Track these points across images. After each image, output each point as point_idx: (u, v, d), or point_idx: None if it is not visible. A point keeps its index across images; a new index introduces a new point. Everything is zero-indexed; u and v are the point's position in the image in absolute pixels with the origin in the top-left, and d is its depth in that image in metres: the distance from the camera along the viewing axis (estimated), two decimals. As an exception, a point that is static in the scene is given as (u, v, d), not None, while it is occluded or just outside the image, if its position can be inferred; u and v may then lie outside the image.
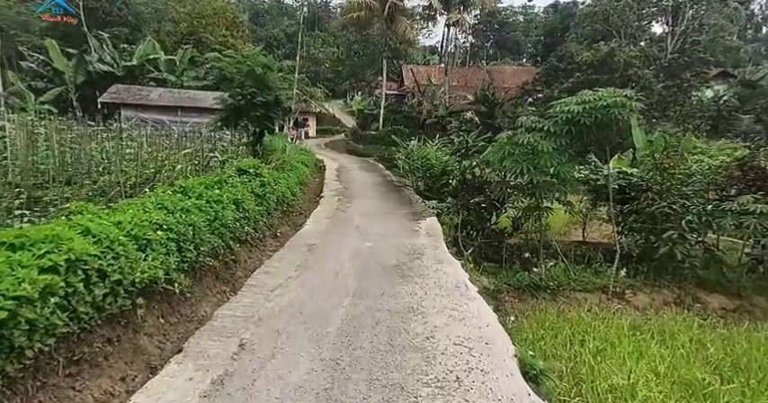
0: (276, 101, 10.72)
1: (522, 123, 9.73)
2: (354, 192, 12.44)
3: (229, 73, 10.34)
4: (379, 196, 11.87)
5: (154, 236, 4.47)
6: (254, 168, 8.30)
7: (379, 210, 10.01)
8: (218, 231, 5.87)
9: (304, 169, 14.99)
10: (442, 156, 13.08)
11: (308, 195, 13.19)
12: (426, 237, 7.77)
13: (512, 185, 10.04)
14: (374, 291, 4.97)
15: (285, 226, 9.38)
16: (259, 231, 7.57)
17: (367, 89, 52.05)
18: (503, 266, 10.54)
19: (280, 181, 9.60)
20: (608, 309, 9.13)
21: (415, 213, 9.90)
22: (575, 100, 9.39)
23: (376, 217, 9.34)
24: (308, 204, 11.89)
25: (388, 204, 10.77)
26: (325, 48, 54.36)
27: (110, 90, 26.49)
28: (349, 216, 9.32)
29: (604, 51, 27.23)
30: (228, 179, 7.21)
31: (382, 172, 17.68)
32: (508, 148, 9.67)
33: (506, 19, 62.89)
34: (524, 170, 9.32)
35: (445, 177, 12.43)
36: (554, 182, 9.47)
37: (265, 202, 8.09)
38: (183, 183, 5.99)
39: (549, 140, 9.41)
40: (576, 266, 10.50)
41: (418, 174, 12.92)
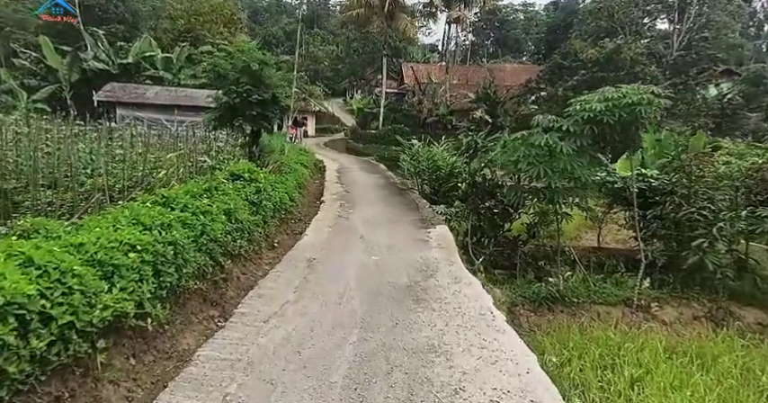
0: (273, 99, 9.93)
1: (539, 123, 8.96)
2: (356, 195, 11.66)
3: (223, 69, 9.54)
4: (383, 200, 11.10)
5: (124, 260, 3.69)
6: (248, 173, 7.52)
7: (385, 217, 9.24)
8: (205, 247, 5.09)
9: (303, 171, 14.21)
10: (449, 158, 12.30)
11: (307, 198, 12.41)
12: (438, 249, 7.00)
13: (527, 189, 9.25)
14: (386, 322, 4.20)
15: (283, 234, 8.60)
16: (254, 243, 6.80)
17: (367, 87, 51.22)
18: (516, 276, 9.78)
19: (277, 186, 8.82)
20: (633, 324, 8.40)
21: (422, 220, 9.12)
22: (596, 97, 8.62)
23: (381, 225, 8.57)
24: (307, 209, 11.11)
25: (394, 210, 9.99)
26: (324, 46, 53.48)
27: (105, 88, 25.64)
28: (352, 224, 8.54)
29: (610, 48, 26.43)
30: (220, 186, 6.42)
31: (384, 173, 16.89)
32: (523, 150, 8.89)
33: (506, 17, 61.99)
34: (542, 173, 8.55)
35: (453, 180, 11.65)
36: (574, 186, 8.69)
37: (261, 211, 7.31)
38: (166, 192, 5.20)
39: (569, 141, 8.66)
40: (594, 276, 9.75)
41: (424, 176, 12.14)
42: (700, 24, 29.39)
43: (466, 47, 51.25)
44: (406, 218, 9.30)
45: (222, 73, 9.42)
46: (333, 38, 56.02)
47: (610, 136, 8.70)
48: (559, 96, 28.29)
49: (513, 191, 9.22)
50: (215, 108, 9.88)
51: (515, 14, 63.99)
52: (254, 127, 10.46)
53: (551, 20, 53.30)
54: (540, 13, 64.97)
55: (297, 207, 10.06)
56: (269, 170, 9.60)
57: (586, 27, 33.17)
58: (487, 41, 64.46)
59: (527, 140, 9.05)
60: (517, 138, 9.40)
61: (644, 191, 10.64)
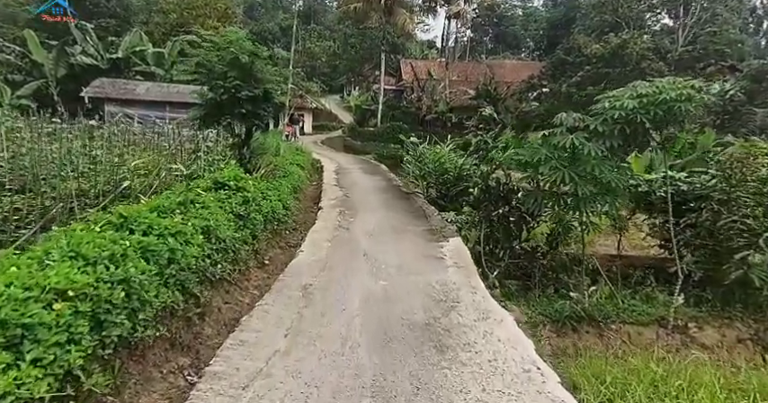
0: (265, 95, 8.84)
1: (562, 121, 7.91)
2: (357, 200, 10.59)
3: (209, 61, 8.43)
4: (387, 206, 10.03)
5: (43, 315, 2.63)
6: (234, 180, 6.44)
7: (390, 227, 8.18)
8: (175, 279, 4.04)
9: (299, 173, 13.13)
10: (456, 159, 11.25)
11: (304, 203, 11.34)
12: (456, 269, 5.96)
13: (548, 195, 8.21)
14: (404, 385, 3.15)
15: (276, 248, 7.54)
16: (240, 262, 5.74)
17: (364, 84, 50.00)
18: (534, 289, 8.77)
19: (269, 193, 7.75)
20: (670, 348, 7.41)
21: (432, 230, 8.08)
22: (627, 93, 7.58)
23: (386, 237, 7.52)
24: (304, 216, 10.05)
25: (399, 217, 8.93)
26: (321, 41, 52.19)
27: (93, 84, 24.43)
28: (353, 236, 7.48)
29: (615, 43, 25.39)
30: (198, 198, 5.34)
31: (386, 174, 15.81)
32: (545, 152, 7.86)
33: (505, 13, 60.77)
34: (566, 178, 7.52)
35: (461, 183, 10.60)
36: (602, 192, 7.66)
37: (249, 224, 6.24)
38: (125, 209, 4.12)
39: (596, 142, 7.64)
40: (622, 290, 8.76)
41: (430, 179, 11.09)
42: (705, 19, 28.34)
43: (465, 43, 50.06)
44: (414, 227, 8.24)
45: (207, 65, 8.31)
46: (330, 34, 54.70)
47: (642, 136, 7.68)
48: (563, 93, 27.28)
49: (533, 197, 8.18)
50: (200, 105, 8.78)
51: (514, 10, 62.77)
52: (246, 126, 9.37)
53: (551, 15, 52.08)
54: (539, 8, 63.77)
55: (292, 215, 9.00)
56: (260, 175, 8.53)
57: (590, 22, 32.08)
58: (486, 38, 63.24)
59: (549, 141, 8.02)
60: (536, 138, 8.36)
61: (672, 195, 9.65)
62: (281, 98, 19.20)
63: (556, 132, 7.91)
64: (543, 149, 7.93)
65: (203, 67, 8.44)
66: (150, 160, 7.47)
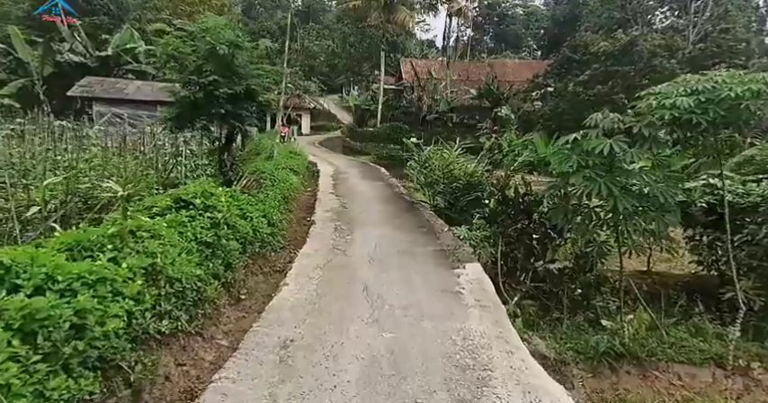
0: (248, 93, 7.51)
1: (597, 123, 6.58)
2: (356, 212, 9.24)
3: (180, 53, 7.09)
4: (390, 220, 8.69)
5: None
6: (202, 197, 5.10)
7: (394, 248, 6.85)
8: (82, 357, 2.71)
9: (292, 179, 11.80)
10: (466, 165, 9.92)
11: (296, 214, 10.01)
12: (480, 311, 4.63)
13: (579, 211, 6.89)
14: None
15: (257, 274, 6.22)
16: (205, 303, 4.41)
17: (364, 84, 48.62)
18: (560, 315, 7.45)
19: (251, 209, 6.41)
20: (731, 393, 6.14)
21: (444, 252, 6.74)
22: (679, 89, 6.25)
23: (391, 261, 6.18)
24: (295, 230, 8.72)
25: (405, 235, 7.59)
26: (320, 41, 50.73)
27: (80, 83, 23.05)
28: (351, 261, 6.14)
29: (625, 40, 24.03)
30: (144, 225, 4.00)
31: (387, 180, 14.45)
32: (576, 159, 6.54)
33: (506, 11, 59.35)
34: (603, 191, 6.20)
35: (473, 192, 9.27)
36: (648, 208, 6.34)
37: (220, 253, 4.91)
38: (9, 253, 2.78)
39: (641, 148, 6.33)
40: (662, 316, 7.46)
41: (437, 187, 9.76)
42: (716, 15, 26.99)
43: (465, 42, 48.67)
44: (423, 248, 6.91)
45: (179, 58, 6.97)
46: (329, 33, 53.24)
47: (696, 141, 6.35)
48: (569, 92, 25.93)
49: (561, 212, 6.85)
50: (172, 103, 7.44)
51: (514, 9, 61.33)
52: (228, 128, 8.03)
53: (556, 13, 50.63)
54: (540, 7, 62.32)
55: (280, 231, 7.66)
56: (242, 186, 7.19)
57: (597, 19, 30.72)
58: (486, 37, 61.82)
59: (580, 146, 6.70)
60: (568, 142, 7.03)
61: (714, 206, 8.34)
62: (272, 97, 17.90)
63: (590, 136, 6.60)
64: (574, 155, 6.62)
65: (174, 60, 7.10)
66: (72, 177, 6.08)
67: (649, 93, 6.70)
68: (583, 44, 26.65)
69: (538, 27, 60.13)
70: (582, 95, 24.79)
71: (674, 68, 23.80)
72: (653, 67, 23.59)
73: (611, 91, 23.96)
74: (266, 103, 7.85)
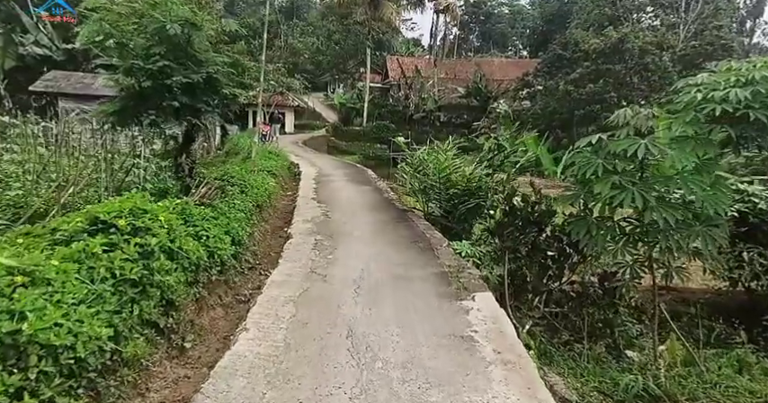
0: (209, 83, 6.16)
1: (628, 120, 5.43)
2: (340, 223, 7.94)
3: (121, 33, 5.73)
4: (380, 233, 7.41)
5: None
6: (130, 216, 3.77)
7: (386, 271, 5.58)
8: None
9: (270, 183, 10.46)
10: (463, 167, 8.70)
11: (272, 223, 8.69)
12: (504, 371, 3.40)
13: (606, 225, 5.72)
14: None
15: (215, 308, 4.92)
16: (117, 371, 3.10)
17: (349, 81, 47.22)
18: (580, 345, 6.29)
19: (208, 226, 5.09)
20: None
21: (446, 274, 5.50)
22: (728, 78, 5.12)
23: (382, 292, 4.92)
24: (269, 245, 7.42)
25: (398, 254, 6.33)
26: (304, 37, 49.11)
27: (45, 77, 21.31)
28: (332, 292, 4.86)
29: (616, 38, 23.13)
30: (22, 265, 2.67)
31: (375, 183, 13.14)
32: (600, 162, 5.39)
33: (492, 10, 58.41)
34: (637, 201, 5.06)
35: (473, 199, 8.07)
36: (691, 222, 5.20)
37: (153, 291, 3.60)
38: None
39: (683, 150, 5.20)
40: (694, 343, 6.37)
41: (432, 194, 8.53)
42: (708, 13, 26.29)
43: (452, 41, 47.58)
44: (420, 271, 5.65)
45: (118, 38, 5.61)
46: (313, 30, 51.64)
47: (753, 141, 5.22)
48: (560, 90, 24.97)
49: (583, 227, 5.67)
50: (115, 97, 6.07)
51: (500, 8, 60.43)
52: (186, 126, 6.67)
53: (544, 10, 49.77)
54: (526, 6, 61.48)
55: (248, 249, 6.35)
56: (199, 197, 5.85)
57: (587, 16, 29.87)
58: (472, 36, 60.82)
59: (605, 148, 5.54)
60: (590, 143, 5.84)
61: (745, 215, 7.30)
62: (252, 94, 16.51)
63: (618, 135, 5.44)
64: (598, 159, 5.45)
65: (114, 41, 5.73)
66: None
67: (689, 84, 5.57)
68: (573, 41, 25.73)
69: (523, 26, 59.32)
70: (573, 94, 23.83)
71: (667, 66, 23.01)
72: (645, 64, 22.74)
73: (603, 89, 23.05)
74: (233, 96, 6.51)
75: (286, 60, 39.67)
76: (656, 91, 23.18)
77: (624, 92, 23.23)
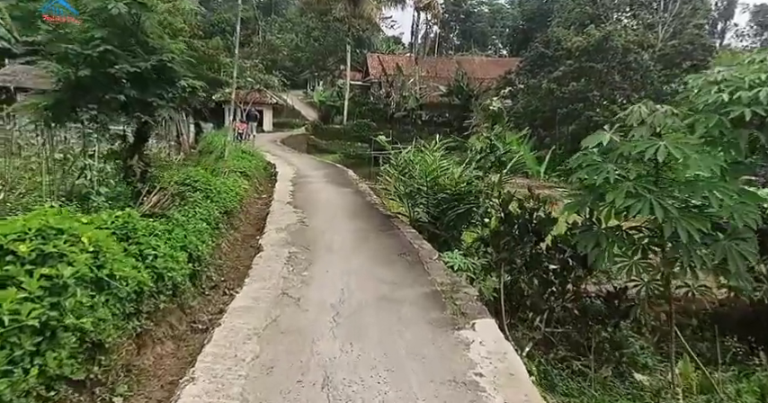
0: (163, 73, 5.26)
1: (644, 118, 4.75)
2: (318, 232, 7.10)
3: (53, 11, 4.79)
4: (362, 243, 6.61)
5: None
6: (37, 238, 2.88)
7: (370, 291, 4.79)
8: None
9: (241, 186, 9.56)
10: (452, 169, 7.97)
11: (243, 231, 7.81)
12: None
13: (616, 236, 5.04)
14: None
15: (162, 343, 4.07)
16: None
17: (329, 79, 46.12)
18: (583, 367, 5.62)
19: (155, 244, 4.21)
20: None
21: (437, 296, 4.73)
22: (760, 77, 4.48)
23: (366, 321, 4.11)
24: (237, 256, 6.56)
25: (383, 269, 5.53)
26: (282, 34, 47.74)
27: (2, 71, 19.78)
28: (306, 322, 4.04)
29: (599, 36, 22.77)
30: None
31: (356, 185, 12.29)
32: (611, 168, 4.71)
33: (472, 9, 57.92)
34: (657, 212, 4.40)
35: (462, 204, 7.33)
36: (716, 235, 4.55)
37: (66, 336, 2.73)
38: None
39: (706, 153, 4.57)
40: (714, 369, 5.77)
41: (419, 198, 7.77)
42: (686, 12, 26.21)
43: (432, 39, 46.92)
44: (409, 290, 4.87)
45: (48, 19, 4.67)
46: (292, 26, 50.27)
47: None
48: (543, 89, 24.53)
49: (592, 239, 4.98)
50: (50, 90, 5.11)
51: (480, 7, 59.97)
52: (137, 123, 5.74)
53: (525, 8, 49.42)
54: (505, 6, 61.14)
55: (211, 264, 5.48)
56: (150, 206, 4.95)
57: (568, 14, 29.55)
58: (452, 35, 60.24)
59: (616, 150, 4.87)
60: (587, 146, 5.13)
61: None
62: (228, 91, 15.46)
63: (632, 135, 4.76)
64: (608, 164, 4.77)
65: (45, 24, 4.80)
66: None
67: (708, 81, 4.92)
68: (555, 40, 25.31)
69: (503, 25, 59.00)
70: (556, 92, 23.40)
71: (648, 65, 22.78)
72: (627, 63, 22.45)
73: (586, 88, 22.67)
74: (192, 89, 5.61)
75: (264, 57, 38.36)
76: (637, 90, 22.93)
77: (606, 90, 22.92)
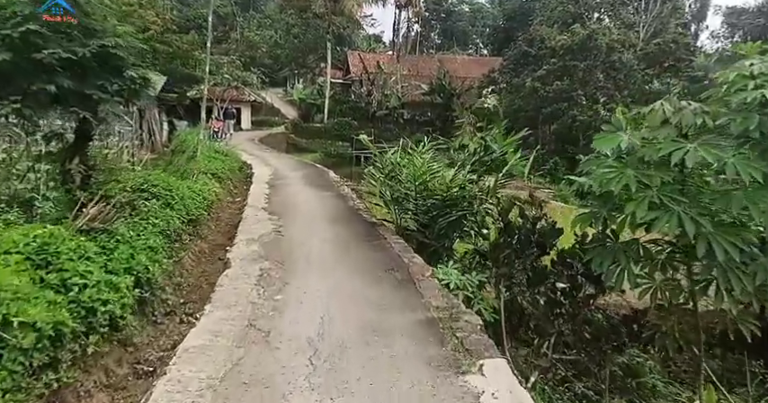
0: (106, 61, 4.36)
1: (668, 116, 4.08)
2: (295, 243, 6.26)
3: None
4: (344, 256, 5.82)
5: None
6: None
7: (354, 319, 4.00)
8: None
9: (212, 189, 8.66)
10: (443, 173, 7.23)
11: (210, 242, 6.93)
12: None
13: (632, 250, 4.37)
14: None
15: (91, 398, 3.22)
16: None
17: (309, 77, 45.00)
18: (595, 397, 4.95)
19: (85, 269, 3.35)
20: None
21: (433, 325, 3.98)
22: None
23: (351, 360, 3.32)
24: (202, 271, 5.71)
25: (369, 289, 4.75)
26: (261, 30, 46.32)
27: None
28: (275, 368, 3.23)
29: (583, 34, 22.42)
30: None
31: (338, 187, 11.44)
32: (632, 174, 4.02)
33: (452, 8, 57.40)
34: (688, 227, 3.72)
35: (455, 211, 6.60)
36: (754, 251, 3.92)
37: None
38: None
39: (743, 156, 3.92)
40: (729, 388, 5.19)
41: (407, 205, 7.02)
42: (667, 12, 26.11)
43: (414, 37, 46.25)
44: (401, 316, 4.11)
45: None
46: (271, 23, 48.89)
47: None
48: (527, 87, 24.07)
49: (608, 255, 4.30)
50: None
51: (461, 6, 59.49)
52: (77, 121, 4.83)
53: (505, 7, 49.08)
54: (486, 5, 60.80)
55: (164, 288, 4.62)
56: (85, 222, 4.06)
57: (550, 13, 29.20)
58: (433, 33, 59.63)
59: (634, 154, 4.21)
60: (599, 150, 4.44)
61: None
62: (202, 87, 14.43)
63: (654, 136, 4.10)
64: (629, 170, 4.08)
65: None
66: None
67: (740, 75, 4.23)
68: (539, 38, 24.88)
69: (484, 24, 58.65)
70: (540, 91, 22.95)
71: (632, 64, 22.53)
72: (611, 62, 22.15)
73: (570, 87, 22.29)
74: (143, 81, 4.73)
75: (242, 53, 37.05)
76: (620, 89, 22.68)
77: (590, 90, 22.60)
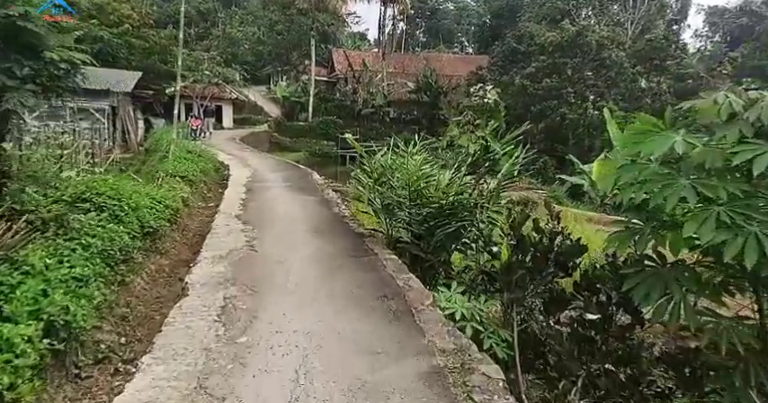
0: (15, 38, 3.29)
1: (737, 110, 3.14)
2: (271, 261, 5.27)
3: None
4: (328, 279, 4.82)
5: None
6: None
7: (340, 373, 3.06)
8: None
9: (180, 194, 7.60)
10: (439, 176, 6.30)
11: (172, 258, 5.89)
12: None
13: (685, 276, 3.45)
14: None
15: None
16: None
17: (293, 74, 43.71)
18: None
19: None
20: None
21: (440, 379, 3.05)
22: None
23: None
24: (155, 299, 4.69)
25: (358, 324, 3.78)
26: (244, 27, 44.84)
27: None
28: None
29: (573, 31, 21.72)
30: None
31: (323, 191, 10.39)
32: (686, 184, 3.03)
33: (438, 6, 56.54)
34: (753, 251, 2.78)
35: (453, 221, 5.65)
36: None
37: None
38: None
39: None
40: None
41: (400, 213, 6.07)
42: (652, 10, 25.64)
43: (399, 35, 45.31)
44: (397, 367, 3.17)
45: None
46: (254, 19, 47.41)
47: None
48: (516, 85, 23.32)
49: (657, 283, 3.37)
50: None
51: (446, 4, 58.70)
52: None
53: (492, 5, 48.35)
54: (471, 3, 60.06)
55: (90, 329, 3.61)
56: None
57: (539, 9, 28.53)
58: (419, 31, 58.74)
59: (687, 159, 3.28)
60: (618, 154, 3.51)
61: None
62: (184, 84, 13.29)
63: (717, 137, 3.20)
64: (682, 179, 3.13)
65: None
66: None
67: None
68: (528, 35, 24.15)
69: (469, 23, 57.96)
70: (529, 89, 22.22)
71: (623, 62, 21.93)
72: (602, 60, 21.51)
73: (560, 84, 21.60)
74: (70, 65, 3.69)
75: (224, 50, 35.63)
76: (610, 87, 22.08)
77: (579, 87, 21.96)
